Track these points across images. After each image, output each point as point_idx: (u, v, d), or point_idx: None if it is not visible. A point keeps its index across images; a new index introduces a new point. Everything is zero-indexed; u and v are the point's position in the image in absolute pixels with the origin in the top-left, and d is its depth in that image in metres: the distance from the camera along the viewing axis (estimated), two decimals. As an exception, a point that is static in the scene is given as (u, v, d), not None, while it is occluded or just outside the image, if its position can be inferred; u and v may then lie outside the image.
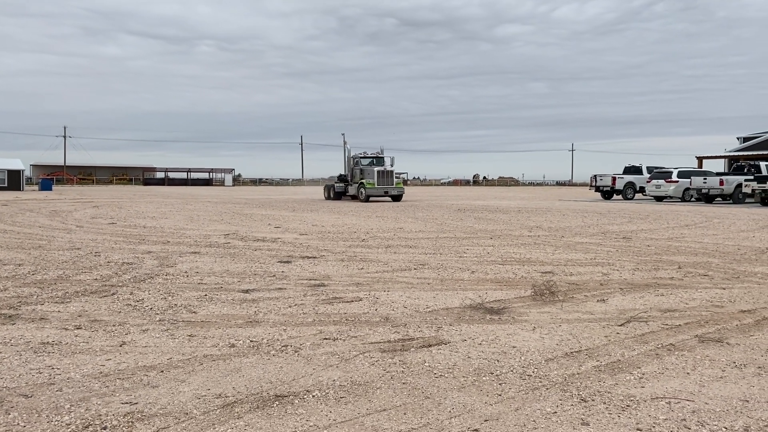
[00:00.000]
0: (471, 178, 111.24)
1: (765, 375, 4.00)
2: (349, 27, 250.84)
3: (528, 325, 5.32)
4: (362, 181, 32.34)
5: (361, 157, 34.07)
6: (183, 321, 5.41)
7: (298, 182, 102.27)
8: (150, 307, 5.97)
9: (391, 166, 33.26)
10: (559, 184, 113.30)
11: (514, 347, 4.64)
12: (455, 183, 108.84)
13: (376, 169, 32.23)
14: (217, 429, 3.15)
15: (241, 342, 4.76)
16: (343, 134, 35.80)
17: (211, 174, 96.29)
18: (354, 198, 34.19)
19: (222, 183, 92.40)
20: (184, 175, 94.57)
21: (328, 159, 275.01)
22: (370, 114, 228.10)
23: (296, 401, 3.54)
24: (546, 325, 5.31)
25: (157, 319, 5.48)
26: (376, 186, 31.74)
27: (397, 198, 32.73)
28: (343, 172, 36.17)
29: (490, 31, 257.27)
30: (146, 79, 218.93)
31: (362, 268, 8.41)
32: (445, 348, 4.62)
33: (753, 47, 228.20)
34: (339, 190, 35.31)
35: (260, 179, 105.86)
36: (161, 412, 3.37)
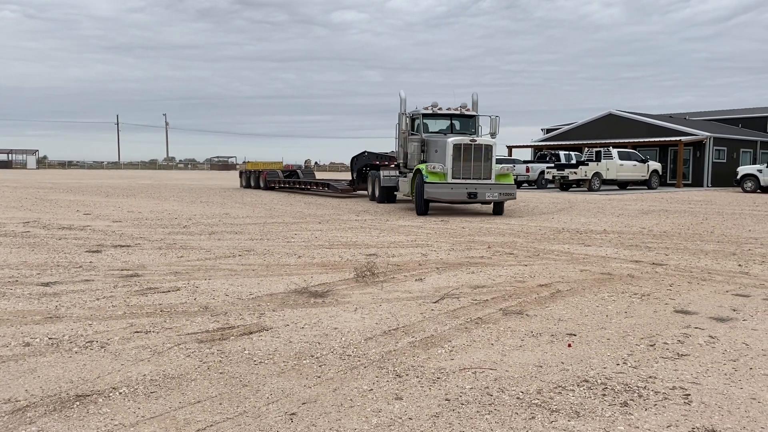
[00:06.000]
0: (303, 164, 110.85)
1: (556, 342, 4.45)
2: (179, 1, 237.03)
3: (350, 306, 5.42)
4: (419, 166, 15.10)
5: (428, 114, 16.36)
6: (-34, 320, 4.77)
7: (115, 165, 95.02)
8: (-76, 306, 5.18)
9: (491, 135, 15.83)
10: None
11: (335, 329, 4.70)
12: (288, 168, 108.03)
13: (450, 140, 14.74)
14: (3, 439, 2.82)
15: (38, 340, 4.30)
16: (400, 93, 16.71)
17: (10, 155, 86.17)
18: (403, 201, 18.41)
19: (24, 166, 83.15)
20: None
21: (150, 141, 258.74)
22: (200, 94, 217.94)
23: (100, 400, 3.27)
24: (367, 305, 5.45)
25: (-67, 319, 4.77)
26: (449, 181, 14.59)
27: (499, 207, 15.26)
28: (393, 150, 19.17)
29: (327, 17, 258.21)
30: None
31: (182, 257, 8.02)
32: (267, 334, 4.55)
33: (563, 47, 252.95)
34: (388, 183, 18.15)
35: (70, 162, 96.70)
36: (-68, 425, 2.94)
